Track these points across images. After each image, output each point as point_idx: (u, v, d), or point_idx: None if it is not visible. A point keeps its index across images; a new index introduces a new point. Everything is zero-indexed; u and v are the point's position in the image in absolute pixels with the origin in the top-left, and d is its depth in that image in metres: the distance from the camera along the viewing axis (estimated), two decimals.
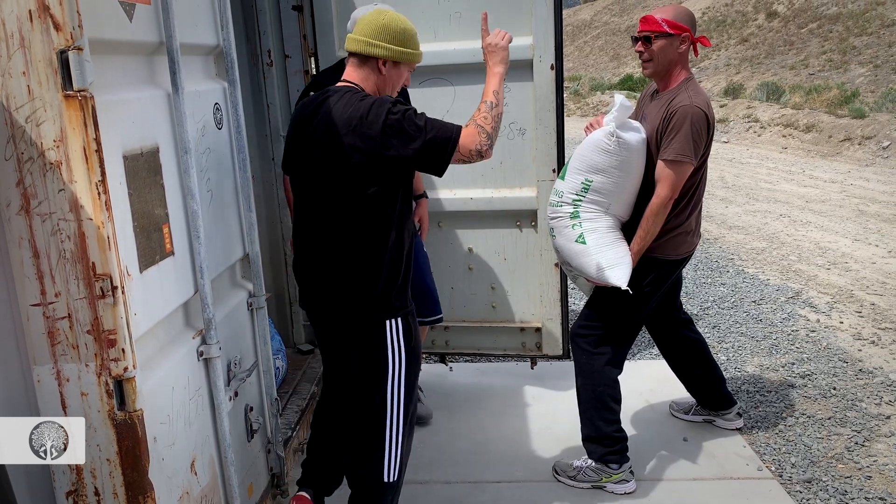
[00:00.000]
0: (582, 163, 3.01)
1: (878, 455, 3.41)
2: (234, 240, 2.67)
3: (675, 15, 2.99)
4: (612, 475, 3.18)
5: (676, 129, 2.88)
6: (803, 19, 21.58)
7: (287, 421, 3.39)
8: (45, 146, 1.66)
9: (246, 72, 3.89)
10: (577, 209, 3.02)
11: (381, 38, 2.38)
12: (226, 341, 2.43)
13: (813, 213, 8.37)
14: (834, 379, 4.16)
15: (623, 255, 2.98)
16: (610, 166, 2.95)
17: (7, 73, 1.63)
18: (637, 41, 3.08)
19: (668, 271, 3.15)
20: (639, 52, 3.08)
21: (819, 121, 13.47)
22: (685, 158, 2.88)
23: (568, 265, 3.15)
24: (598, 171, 2.97)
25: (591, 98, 22.46)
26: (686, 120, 2.87)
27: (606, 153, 2.94)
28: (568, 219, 3.04)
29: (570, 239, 3.04)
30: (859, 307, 5.31)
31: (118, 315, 1.74)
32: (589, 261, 2.99)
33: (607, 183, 2.97)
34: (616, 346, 3.20)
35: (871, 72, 16.02)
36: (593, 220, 3.01)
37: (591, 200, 3.01)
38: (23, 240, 1.72)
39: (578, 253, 3.01)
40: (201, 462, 2.28)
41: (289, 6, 3.89)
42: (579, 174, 3.02)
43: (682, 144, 2.87)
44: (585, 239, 2.99)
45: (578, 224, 3.01)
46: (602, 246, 2.98)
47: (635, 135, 2.97)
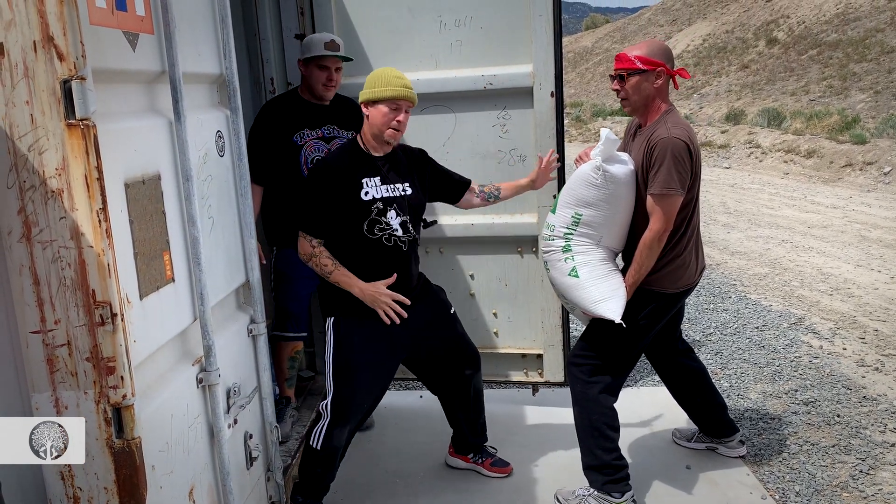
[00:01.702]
0: (571, 196, 3.03)
1: (882, 483, 3.37)
2: (235, 266, 2.68)
3: (648, 51, 2.99)
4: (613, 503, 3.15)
5: (659, 163, 2.88)
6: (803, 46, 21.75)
7: (287, 449, 3.37)
8: (46, 174, 1.67)
9: (248, 99, 3.93)
10: (569, 242, 3.03)
11: (364, 87, 2.94)
12: (225, 368, 2.42)
13: (815, 238, 8.36)
14: (838, 406, 4.13)
15: (616, 287, 2.98)
16: (598, 199, 2.96)
17: (11, 103, 1.65)
18: (613, 79, 3.09)
19: (667, 304, 3.13)
20: (615, 91, 3.09)
21: (820, 146, 13.51)
22: (671, 191, 2.87)
23: (563, 298, 3.16)
24: (587, 205, 2.98)
25: (592, 124, 22.58)
26: (667, 152, 2.86)
27: (594, 186, 2.95)
28: (560, 252, 3.06)
29: (563, 272, 3.05)
30: (862, 333, 5.28)
31: (117, 342, 1.74)
32: (582, 294, 2.99)
33: (597, 216, 2.98)
34: (612, 376, 3.17)
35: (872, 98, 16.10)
36: (585, 254, 3.02)
37: (581, 234, 3.02)
38: (23, 267, 1.73)
39: (572, 286, 3.02)
40: (200, 490, 2.26)
41: (291, 34, 3.94)
42: (569, 208, 3.03)
43: (666, 177, 2.86)
44: (578, 272, 3.00)
45: (571, 258, 3.02)
46: (595, 279, 2.98)
47: (622, 167, 2.97)
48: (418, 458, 3.73)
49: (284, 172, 3.48)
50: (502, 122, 3.73)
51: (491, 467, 3.53)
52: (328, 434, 2.99)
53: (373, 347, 3.00)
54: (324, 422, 3.00)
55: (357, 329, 2.97)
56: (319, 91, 3.47)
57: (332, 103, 3.57)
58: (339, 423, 3.00)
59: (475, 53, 3.68)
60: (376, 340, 2.99)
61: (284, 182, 3.49)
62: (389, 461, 3.70)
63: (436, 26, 3.68)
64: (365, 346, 2.98)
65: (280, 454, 2.99)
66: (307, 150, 3.49)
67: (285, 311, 3.65)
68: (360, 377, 3.00)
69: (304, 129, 3.50)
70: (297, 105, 3.53)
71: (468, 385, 3.37)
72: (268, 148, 3.44)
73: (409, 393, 4.53)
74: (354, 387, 3.00)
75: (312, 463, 3.04)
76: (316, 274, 2.98)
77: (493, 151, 3.75)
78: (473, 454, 3.56)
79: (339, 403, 2.99)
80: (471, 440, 3.53)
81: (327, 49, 3.38)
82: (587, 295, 2.97)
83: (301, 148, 3.48)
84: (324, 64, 3.41)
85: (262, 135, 3.45)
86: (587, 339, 3.21)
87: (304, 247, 2.93)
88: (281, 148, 3.46)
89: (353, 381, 2.99)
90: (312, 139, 3.51)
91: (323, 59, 3.40)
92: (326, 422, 2.99)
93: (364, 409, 3.13)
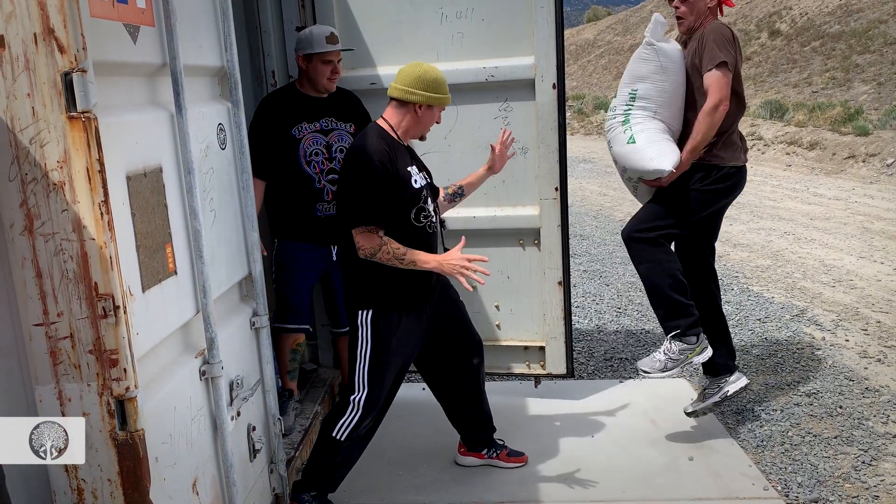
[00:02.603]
0: (627, 76, 3.45)
1: (885, 474, 3.38)
2: (237, 259, 2.68)
3: None
4: (695, 348, 3.47)
5: (707, 43, 3.28)
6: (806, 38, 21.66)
7: (290, 441, 3.38)
8: (48, 167, 1.67)
9: (250, 92, 3.92)
10: (628, 116, 3.42)
11: (418, 86, 2.84)
12: (228, 361, 2.43)
13: (817, 230, 8.35)
14: (840, 397, 4.13)
15: (673, 149, 3.32)
16: (650, 72, 3.35)
17: (12, 95, 1.65)
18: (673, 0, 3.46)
19: (726, 178, 3.44)
20: (675, 8, 3.46)
21: (823, 138, 13.47)
22: (722, 64, 3.23)
23: (624, 170, 3.50)
24: (641, 79, 3.38)
25: (594, 117, 22.51)
26: (711, 33, 3.30)
27: (645, 61, 3.35)
28: (619, 125, 3.43)
29: (622, 143, 3.41)
30: (865, 325, 5.28)
31: (120, 335, 1.75)
32: (639, 156, 3.33)
33: (651, 88, 3.36)
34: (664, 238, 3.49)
35: (875, 89, 16.05)
36: (642, 123, 3.38)
37: (639, 107, 3.39)
38: (26, 260, 1.74)
39: (629, 152, 3.37)
40: (203, 482, 2.27)
41: (292, 27, 3.93)
42: (626, 87, 3.43)
43: (715, 51, 3.25)
44: (636, 138, 3.35)
45: (629, 128, 3.39)
46: (651, 142, 3.32)
47: (671, 45, 3.39)
48: (421, 450, 3.74)
49: (283, 166, 3.48)
50: (504, 114, 3.72)
51: (508, 458, 3.52)
52: (356, 428, 2.96)
53: (408, 343, 3.00)
54: (353, 416, 2.94)
55: (395, 324, 2.92)
56: (324, 85, 3.46)
57: (330, 95, 3.55)
58: (368, 417, 2.98)
59: (477, 45, 3.67)
60: (411, 334, 2.99)
61: (284, 175, 3.50)
62: (392, 453, 3.71)
63: (437, 18, 3.67)
64: (401, 342, 2.97)
65: (283, 446, 3.00)
66: (305, 143, 3.49)
67: (286, 303, 3.65)
68: (394, 374, 3.01)
69: (301, 123, 3.49)
70: (295, 98, 3.52)
71: (477, 375, 3.36)
72: (267, 142, 3.43)
73: (410, 385, 4.54)
74: (387, 384, 3.00)
75: (332, 453, 3.00)
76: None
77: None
78: (487, 449, 3.54)
79: (371, 400, 2.95)
80: (482, 435, 3.52)
81: (329, 43, 3.38)
82: (644, 155, 3.31)
83: (300, 141, 3.48)
84: (328, 58, 3.41)
85: (260, 129, 3.45)
86: (642, 213, 3.54)
87: (371, 240, 2.77)
88: (280, 142, 3.46)
89: (387, 378, 2.99)
90: (310, 132, 3.51)
91: (327, 54, 3.40)
92: (356, 416, 2.94)
93: (390, 402, 3.13)
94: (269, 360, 2.88)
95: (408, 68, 2.89)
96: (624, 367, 4.74)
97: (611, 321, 5.62)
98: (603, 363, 4.82)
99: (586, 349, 5.07)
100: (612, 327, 5.49)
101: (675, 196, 3.44)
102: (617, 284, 6.60)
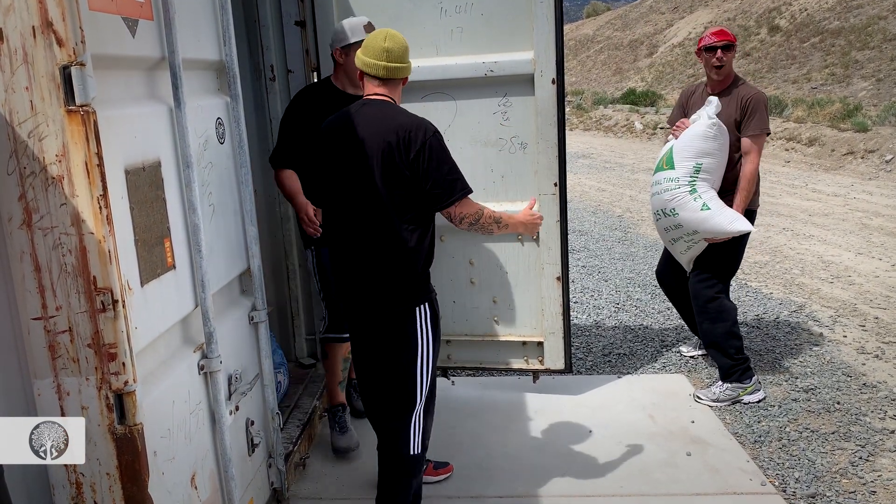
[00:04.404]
0: (691, 151, 3.84)
1: (882, 470, 3.38)
2: (236, 254, 2.68)
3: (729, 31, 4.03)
4: (747, 388, 4.03)
5: (754, 110, 3.87)
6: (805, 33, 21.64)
7: (288, 435, 3.38)
8: (47, 161, 1.67)
9: (249, 86, 3.91)
10: (694, 187, 3.85)
11: (406, 58, 2.66)
12: (227, 355, 2.43)
13: (816, 226, 8.36)
14: (838, 393, 4.14)
15: (735, 212, 3.85)
16: (714, 149, 3.81)
17: (10, 89, 1.65)
18: (716, 50, 3.94)
19: (752, 220, 4.00)
20: (719, 59, 3.94)
21: (822, 134, 13.47)
22: (765, 131, 3.88)
23: (694, 233, 3.91)
24: (707, 155, 3.82)
25: (593, 112, 22.49)
26: (760, 103, 3.89)
27: (712, 139, 3.80)
28: (688, 195, 3.85)
29: (695, 210, 3.83)
30: (863, 321, 5.29)
31: (119, 329, 1.75)
32: (718, 220, 3.80)
33: (713, 163, 3.83)
34: (727, 282, 4.15)
35: (874, 86, 16.04)
36: (707, 192, 3.85)
37: (703, 179, 3.85)
38: (24, 254, 1.73)
39: (706, 218, 3.82)
40: (202, 476, 2.27)
41: (291, 21, 3.92)
42: (690, 160, 3.84)
43: (760, 121, 3.88)
44: (709, 205, 3.81)
45: (699, 196, 3.83)
46: (722, 208, 3.82)
47: (722, 124, 3.82)
48: None
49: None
50: (503, 109, 3.71)
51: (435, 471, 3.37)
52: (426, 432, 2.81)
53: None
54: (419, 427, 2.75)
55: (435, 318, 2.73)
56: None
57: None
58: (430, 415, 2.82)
59: (476, 40, 3.66)
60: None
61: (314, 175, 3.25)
62: None
63: (436, 13, 3.66)
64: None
65: (282, 441, 3.00)
66: None
67: (339, 311, 3.44)
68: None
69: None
70: (331, 94, 3.38)
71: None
72: (299, 137, 3.31)
73: None
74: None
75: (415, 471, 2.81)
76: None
77: (494, 139, 3.74)
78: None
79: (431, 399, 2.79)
80: None
81: (367, 31, 3.21)
82: (722, 219, 3.80)
83: None
84: None
85: (294, 123, 3.35)
86: (704, 264, 4.05)
87: (471, 206, 2.62)
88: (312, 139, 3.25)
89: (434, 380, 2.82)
90: None
91: None
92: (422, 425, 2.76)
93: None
94: (268, 354, 2.88)
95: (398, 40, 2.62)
96: (622, 362, 4.74)
97: (609, 317, 5.62)
98: (601, 358, 4.83)
99: (584, 345, 5.07)
100: (610, 323, 5.50)
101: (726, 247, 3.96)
102: (615, 280, 6.61)
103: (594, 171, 13.67)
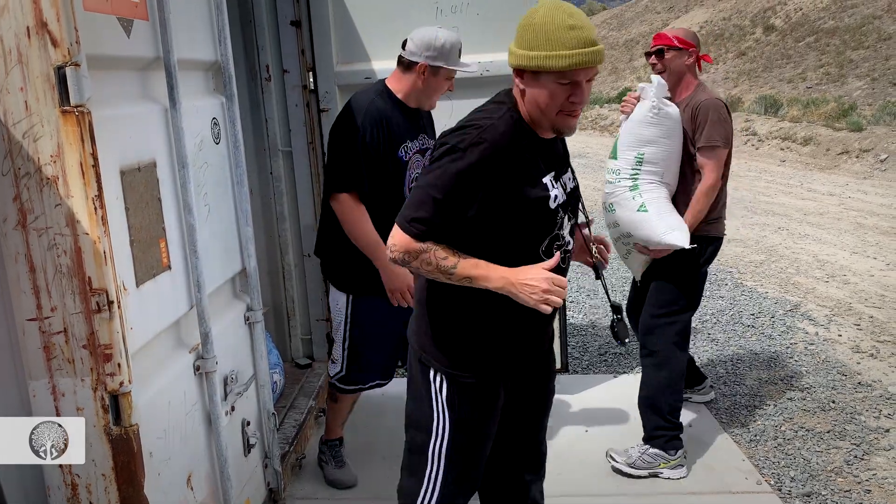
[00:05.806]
0: (632, 139, 3.29)
1: (877, 468, 3.40)
2: (232, 254, 2.67)
3: (683, 34, 3.41)
4: (670, 461, 3.31)
5: (704, 122, 3.23)
6: (800, 33, 21.69)
7: (284, 436, 3.38)
8: (42, 161, 1.66)
9: (244, 86, 3.90)
10: (636, 181, 3.29)
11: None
12: (223, 356, 2.42)
13: (811, 225, 8.38)
14: (833, 392, 4.15)
15: (681, 221, 3.26)
16: (657, 136, 3.23)
17: (5, 89, 1.64)
18: (650, 55, 3.44)
19: (716, 248, 3.47)
20: (652, 65, 3.43)
21: (817, 134, 13.51)
22: (718, 143, 3.23)
23: (628, 236, 3.37)
24: (648, 143, 3.25)
25: (589, 112, 22.52)
26: (709, 112, 3.23)
27: (652, 125, 3.23)
28: (628, 191, 3.29)
29: (632, 209, 3.28)
30: (858, 320, 5.30)
31: (114, 330, 1.75)
32: (652, 226, 3.23)
33: (658, 152, 3.25)
34: (685, 323, 3.42)
35: (869, 85, 16.09)
36: (652, 191, 3.27)
37: (647, 171, 3.27)
38: (19, 254, 1.73)
39: (641, 221, 3.26)
40: (198, 477, 2.27)
41: (287, 21, 3.91)
42: (631, 149, 3.29)
43: (712, 132, 3.22)
44: (647, 207, 3.25)
45: (639, 195, 3.27)
46: (662, 213, 3.24)
47: (672, 108, 3.27)
48: None
49: (384, 195, 2.83)
50: None
51: None
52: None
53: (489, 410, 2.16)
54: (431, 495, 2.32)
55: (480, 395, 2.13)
56: (435, 101, 2.98)
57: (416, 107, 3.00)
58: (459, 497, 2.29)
59: (472, 40, 3.64)
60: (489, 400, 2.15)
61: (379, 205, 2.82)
62: (385, 449, 3.70)
63: (432, 12, 3.66)
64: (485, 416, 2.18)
65: (278, 441, 3.00)
66: (411, 168, 2.91)
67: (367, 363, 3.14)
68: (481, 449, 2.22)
69: (406, 141, 2.90)
70: (398, 110, 2.92)
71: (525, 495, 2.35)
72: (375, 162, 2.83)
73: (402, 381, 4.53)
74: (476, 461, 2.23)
75: None
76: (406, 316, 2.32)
77: None
78: None
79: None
80: None
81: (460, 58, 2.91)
82: (656, 227, 3.22)
83: (406, 165, 2.89)
84: (453, 75, 2.93)
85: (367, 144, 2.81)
86: (655, 299, 3.41)
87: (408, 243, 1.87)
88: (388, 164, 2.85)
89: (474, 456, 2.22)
90: (413, 153, 2.93)
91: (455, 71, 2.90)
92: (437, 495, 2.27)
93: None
94: (263, 355, 2.87)
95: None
96: (618, 361, 4.75)
97: (605, 316, 5.63)
98: (597, 358, 4.83)
99: (580, 344, 5.08)
100: (606, 322, 5.50)
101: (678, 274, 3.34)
102: (611, 280, 6.61)
103: (590, 170, 13.67)
